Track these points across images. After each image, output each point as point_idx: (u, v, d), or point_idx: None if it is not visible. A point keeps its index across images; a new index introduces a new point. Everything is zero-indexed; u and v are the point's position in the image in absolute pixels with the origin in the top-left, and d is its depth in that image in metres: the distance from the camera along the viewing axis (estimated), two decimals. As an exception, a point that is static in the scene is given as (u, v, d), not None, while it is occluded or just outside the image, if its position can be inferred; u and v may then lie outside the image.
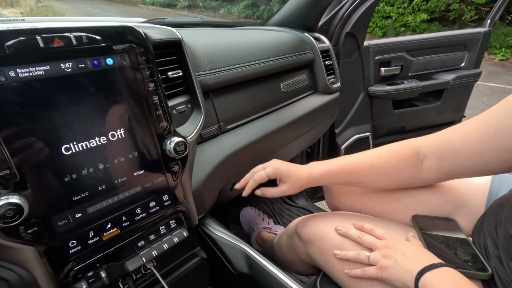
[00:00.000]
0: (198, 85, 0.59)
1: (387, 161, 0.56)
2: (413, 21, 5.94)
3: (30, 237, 0.39)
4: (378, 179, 0.58)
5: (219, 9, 10.34)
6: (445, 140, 0.50)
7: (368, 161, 0.58)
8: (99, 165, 0.44)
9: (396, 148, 0.57)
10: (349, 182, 0.61)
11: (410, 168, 0.55)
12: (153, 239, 0.52)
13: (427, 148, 0.53)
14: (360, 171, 0.58)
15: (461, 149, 0.47)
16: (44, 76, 0.38)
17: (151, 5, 12.91)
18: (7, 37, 0.36)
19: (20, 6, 8.96)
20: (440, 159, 0.51)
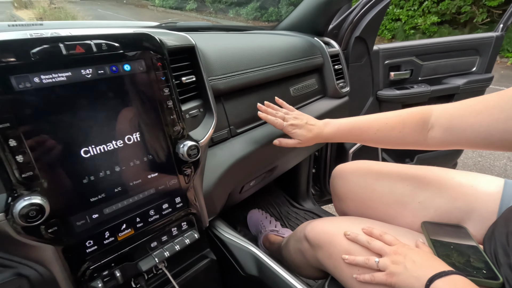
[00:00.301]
0: (210, 90, 0.60)
1: (393, 127, 0.60)
2: (423, 23, 5.88)
3: (50, 236, 0.40)
4: (382, 142, 0.64)
5: (227, 11, 10.41)
6: (458, 114, 0.51)
7: (375, 125, 0.63)
8: (116, 167, 0.45)
9: (405, 115, 0.60)
10: (355, 141, 0.69)
11: (415, 135, 0.57)
12: (165, 240, 0.53)
13: (437, 119, 0.54)
14: (365, 134, 0.64)
15: (472, 125, 0.48)
16: (66, 82, 0.39)
17: (160, 7, 13.07)
18: (33, 45, 0.37)
19: (34, 8, 9.16)
20: (447, 131, 0.52)
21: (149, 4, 14.17)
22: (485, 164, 2.38)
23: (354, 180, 0.74)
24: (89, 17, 8.83)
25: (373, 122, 0.64)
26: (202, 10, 11.20)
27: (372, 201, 0.70)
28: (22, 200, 0.37)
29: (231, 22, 9.66)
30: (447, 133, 0.52)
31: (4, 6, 11.03)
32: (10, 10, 10.09)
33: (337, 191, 0.78)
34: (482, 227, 0.58)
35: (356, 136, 0.67)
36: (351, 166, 0.77)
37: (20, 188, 0.38)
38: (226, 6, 10.31)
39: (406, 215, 0.66)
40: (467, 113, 0.49)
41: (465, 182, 0.63)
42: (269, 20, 8.83)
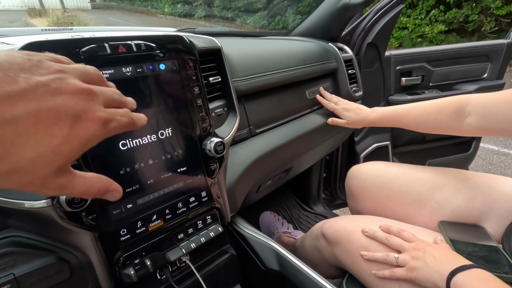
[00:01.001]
0: (234, 90, 0.63)
1: (429, 113, 0.66)
2: (430, 32, 5.90)
3: (90, 223, 0.43)
4: (420, 127, 0.70)
5: (235, 19, 10.58)
6: (491, 103, 0.55)
7: (413, 111, 0.70)
8: (149, 160, 0.48)
9: (442, 102, 0.65)
10: (397, 125, 0.76)
11: (450, 121, 0.63)
12: (191, 233, 0.55)
13: (474, 106, 0.58)
14: (405, 119, 0.72)
15: (505, 113, 0.52)
16: (109, 78, 0.42)
17: (169, 15, 13.35)
18: (81, 44, 0.40)
19: (48, 16, 9.45)
20: (483, 118, 0.56)
21: (158, 12, 14.48)
22: (495, 172, 2.36)
23: (370, 180, 0.75)
24: (101, 25, 9.05)
25: (412, 109, 0.71)
26: (210, 18, 11.40)
27: (389, 200, 0.71)
28: (68, 187, 0.39)
29: (239, 30, 9.80)
30: (482, 120, 0.56)
31: (19, 14, 11.40)
32: (25, 18, 10.42)
33: (353, 190, 0.79)
34: (500, 226, 0.59)
35: (397, 121, 0.74)
36: (367, 166, 0.79)
37: (65, 176, 0.40)
38: (234, 15, 10.48)
39: (424, 214, 0.67)
40: (500, 101, 0.53)
41: (482, 183, 0.64)
42: (276, 28, 8.94)
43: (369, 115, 0.81)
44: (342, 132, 1.09)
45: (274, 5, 9.11)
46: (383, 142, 1.43)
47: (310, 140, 0.90)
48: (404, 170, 0.73)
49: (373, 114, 0.81)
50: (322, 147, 1.03)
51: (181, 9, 12.87)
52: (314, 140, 0.93)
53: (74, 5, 15.45)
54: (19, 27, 5.07)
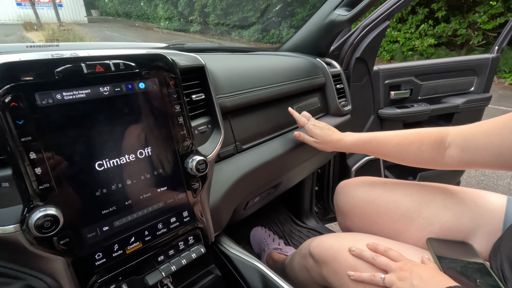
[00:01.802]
0: (218, 107, 0.63)
1: (412, 142, 0.62)
2: (420, 45, 6.05)
3: (62, 248, 0.41)
4: (401, 156, 0.65)
5: (230, 33, 10.76)
6: (471, 134, 0.54)
7: (394, 139, 0.65)
8: (127, 181, 0.47)
9: (424, 132, 0.62)
10: (374, 153, 0.71)
11: (433, 152, 0.60)
12: (172, 254, 0.54)
13: (453, 138, 0.57)
14: (385, 146, 0.66)
15: (485, 145, 0.51)
16: (85, 98, 0.42)
17: (165, 29, 13.53)
18: (57, 64, 0.40)
19: (43, 30, 9.51)
20: (463, 150, 0.55)
21: (154, 26, 14.68)
22: (488, 183, 2.37)
23: (358, 196, 0.74)
24: (97, 39, 9.13)
25: (392, 136, 0.66)
26: (206, 32, 11.58)
27: (377, 216, 0.70)
28: (38, 211, 0.38)
29: (234, 43, 9.95)
30: (463, 153, 0.55)
31: (15, 28, 11.47)
32: (20, 32, 10.48)
33: (341, 206, 0.78)
34: (488, 243, 0.58)
35: (375, 148, 0.69)
36: (355, 181, 0.78)
37: (36, 199, 0.39)
38: (229, 28, 10.67)
39: (412, 231, 0.66)
40: (478, 133, 0.52)
41: (468, 199, 0.63)
42: (270, 42, 9.11)
43: (343, 138, 0.73)
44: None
45: (268, 19, 9.31)
46: (374, 155, 1.43)
47: (298, 155, 0.89)
48: (392, 186, 0.72)
49: (348, 138, 0.73)
50: (311, 162, 1.02)
51: (176, 23, 13.07)
52: (303, 155, 0.92)
53: (70, 19, 15.61)
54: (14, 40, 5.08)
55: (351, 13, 0.89)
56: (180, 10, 12.52)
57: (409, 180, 1.58)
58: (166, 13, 13.50)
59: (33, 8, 11.89)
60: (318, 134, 0.76)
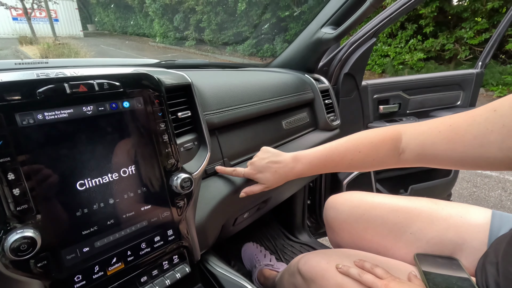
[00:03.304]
0: (205, 124, 0.63)
1: (366, 155, 0.60)
2: (410, 59, 6.21)
3: (39, 271, 0.40)
4: (357, 169, 0.63)
5: (225, 47, 10.93)
6: (429, 142, 0.50)
7: (348, 155, 0.61)
8: (110, 200, 0.46)
9: (376, 141, 0.58)
10: (330, 171, 0.67)
11: (388, 159, 0.58)
12: (155, 275, 0.52)
13: (408, 144, 0.54)
14: (340, 165, 0.63)
15: (444, 152, 0.48)
16: (68, 118, 0.42)
17: (161, 44, 13.70)
18: (39, 85, 0.40)
19: (39, 44, 9.55)
20: (419, 156, 0.52)
21: (150, 40, 14.86)
22: (480, 194, 2.39)
23: (346, 211, 0.74)
24: (92, 53, 9.18)
25: (346, 152, 0.61)
26: (201, 46, 11.75)
27: (366, 232, 0.70)
28: (15, 233, 0.37)
29: (228, 57, 10.10)
30: (419, 157, 0.53)
31: (9, 42, 11.51)
32: (15, 46, 10.51)
33: (330, 222, 0.78)
34: (474, 258, 0.59)
35: (331, 168, 0.65)
36: (344, 197, 0.78)
37: (14, 221, 0.38)
38: (224, 43, 10.85)
39: (400, 247, 0.66)
40: (438, 140, 0.49)
41: (454, 214, 0.64)
42: (264, 56, 9.26)
43: (293, 168, 0.64)
44: (321, 160, 1.09)
45: (262, 34, 9.50)
46: (365, 168, 1.44)
47: (288, 169, 0.90)
48: (380, 200, 0.72)
49: (298, 165, 0.64)
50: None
51: (172, 38, 13.26)
52: (292, 170, 0.92)
53: (66, 33, 15.73)
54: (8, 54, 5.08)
55: (337, 31, 0.92)
56: (176, 25, 12.73)
57: (401, 192, 1.58)
58: (161, 28, 13.70)
59: (29, 22, 11.98)
60: (262, 178, 0.66)
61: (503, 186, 2.51)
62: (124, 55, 11.04)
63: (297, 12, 8.06)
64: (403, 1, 1.10)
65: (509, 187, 2.48)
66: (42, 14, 14.07)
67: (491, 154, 0.42)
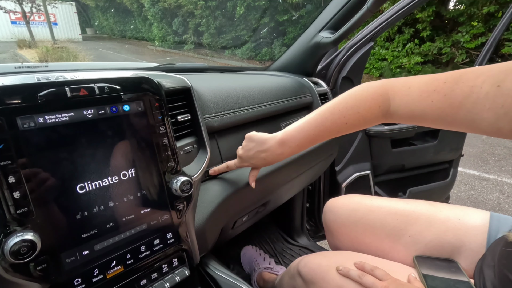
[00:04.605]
0: (204, 127, 0.64)
1: (354, 125, 0.56)
2: (408, 63, 6.25)
3: (39, 274, 0.40)
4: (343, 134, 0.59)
5: (223, 51, 10.97)
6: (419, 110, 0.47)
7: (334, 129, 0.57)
8: (109, 203, 0.46)
9: (363, 111, 0.54)
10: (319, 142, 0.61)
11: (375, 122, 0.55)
12: (155, 278, 0.52)
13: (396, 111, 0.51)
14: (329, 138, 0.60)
15: (433, 121, 0.46)
16: (68, 121, 0.42)
17: (159, 47, 13.74)
18: (40, 89, 0.40)
19: (37, 47, 9.56)
20: (407, 120, 0.51)
21: (149, 44, 14.90)
22: (478, 197, 2.40)
23: (345, 214, 0.75)
24: (91, 56, 9.19)
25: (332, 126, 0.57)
26: (200, 50, 11.79)
27: (365, 235, 0.70)
28: (15, 237, 0.37)
29: (227, 61, 10.13)
30: (407, 121, 0.51)
31: (8, 45, 11.51)
32: (14, 49, 10.50)
33: (329, 225, 0.78)
34: (472, 260, 0.59)
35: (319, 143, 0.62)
36: (342, 200, 0.78)
37: (14, 224, 0.38)
38: (222, 47, 10.89)
39: (399, 249, 0.66)
40: (429, 110, 0.46)
41: (452, 216, 0.64)
42: (263, 60, 9.30)
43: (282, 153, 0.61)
44: (320, 163, 1.10)
45: (261, 38, 9.55)
46: (364, 171, 1.44)
47: (287, 172, 0.90)
48: (379, 203, 0.73)
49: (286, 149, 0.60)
50: (300, 179, 1.03)
51: (171, 42, 13.30)
52: (291, 173, 0.93)
53: (65, 37, 15.75)
54: (7, 58, 5.07)
55: (335, 35, 0.93)
56: (175, 29, 12.78)
57: (399, 195, 1.59)
58: (160, 31, 13.75)
59: (27, 26, 12.00)
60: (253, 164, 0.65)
61: (501, 188, 2.52)
62: (123, 58, 11.05)
63: (295, 16, 8.12)
64: (400, 6, 1.11)
65: (507, 190, 2.50)
66: (41, 17, 14.09)
67: (481, 128, 0.40)
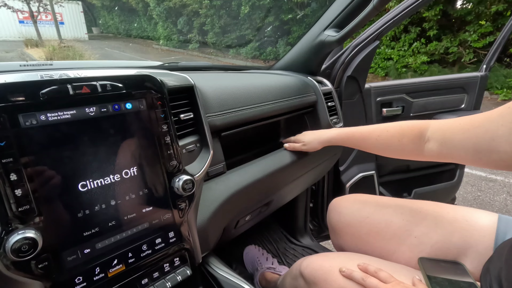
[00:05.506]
0: (207, 126, 0.63)
1: (393, 135, 0.63)
2: (414, 62, 6.19)
3: (40, 272, 0.40)
4: (382, 149, 0.66)
5: (228, 50, 10.98)
6: (449, 131, 0.54)
7: (376, 132, 0.66)
8: (111, 201, 0.46)
9: (405, 126, 0.63)
10: (357, 146, 0.72)
11: (413, 146, 0.60)
12: (156, 277, 0.52)
13: (433, 133, 0.57)
14: (367, 140, 0.68)
15: (461, 142, 0.51)
16: (70, 119, 0.42)
17: (164, 46, 13.80)
18: (42, 86, 0.40)
19: (44, 46, 9.67)
20: (441, 145, 0.55)
21: (154, 43, 14.96)
22: (485, 199, 2.36)
23: (350, 214, 0.74)
24: (96, 55, 9.27)
25: (374, 129, 0.68)
26: (204, 49, 11.80)
27: (369, 236, 0.69)
28: (16, 234, 0.37)
29: (231, 60, 10.13)
30: (441, 147, 0.55)
31: (15, 44, 11.65)
32: (21, 48, 10.63)
33: (334, 225, 0.77)
34: (479, 263, 0.58)
35: (358, 141, 0.71)
36: (347, 199, 0.77)
37: (15, 221, 0.38)
38: (227, 46, 10.89)
39: (404, 251, 0.65)
40: (456, 130, 0.52)
41: (459, 217, 0.63)
42: (267, 59, 9.29)
43: (326, 133, 0.78)
44: (324, 163, 1.09)
45: (266, 37, 9.54)
46: (368, 171, 1.43)
47: (291, 172, 0.89)
48: (384, 204, 0.72)
49: (329, 132, 0.77)
50: (304, 179, 1.02)
51: (175, 41, 13.34)
52: (295, 173, 0.92)
53: (71, 36, 15.90)
54: (14, 57, 5.15)
55: (340, 34, 0.92)
56: (179, 28, 12.81)
57: (404, 196, 1.57)
58: (165, 30, 13.80)
59: (35, 25, 12.13)
60: (302, 138, 0.83)
61: (508, 190, 2.48)
62: (128, 57, 11.13)
63: (300, 15, 8.09)
64: (406, 4, 1.10)
65: (514, 191, 2.45)
66: (48, 17, 14.25)
67: (501, 148, 0.44)
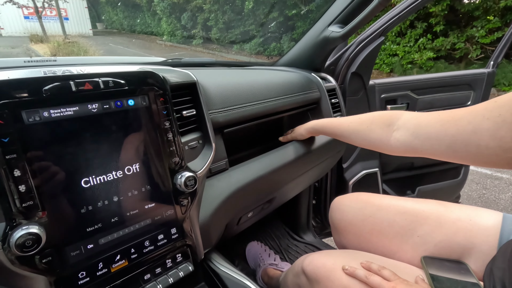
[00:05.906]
0: (210, 123, 0.63)
1: (363, 122, 0.64)
2: (420, 59, 6.11)
3: (44, 267, 0.40)
4: (353, 137, 0.67)
5: (231, 46, 10.93)
6: (425, 122, 0.51)
7: (349, 119, 0.69)
8: (114, 197, 0.46)
9: (376, 114, 0.63)
10: (333, 134, 0.74)
11: (380, 132, 0.59)
12: (159, 273, 0.53)
13: (405, 122, 0.55)
14: (340, 126, 0.70)
15: (437, 133, 0.48)
16: (73, 116, 0.42)
17: (168, 42, 13.78)
18: (45, 82, 0.40)
19: (49, 42, 9.72)
20: (413, 135, 0.52)
21: (158, 39, 14.95)
22: (490, 197, 2.34)
23: (352, 213, 0.73)
24: (100, 51, 9.29)
25: (349, 117, 0.69)
26: (208, 45, 11.77)
27: (372, 234, 0.69)
28: (20, 229, 0.38)
29: (235, 56, 10.10)
30: (412, 138, 0.52)
31: (21, 40, 11.72)
32: (26, 44, 10.70)
33: (336, 223, 0.77)
34: (483, 263, 0.57)
35: (333, 128, 0.72)
36: (350, 198, 0.77)
37: (19, 217, 0.38)
38: (231, 42, 10.84)
39: (407, 250, 0.65)
40: (434, 121, 0.49)
41: (463, 217, 0.62)
42: (271, 55, 9.23)
43: (309, 123, 0.81)
44: (328, 160, 1.08)
45: (270, 33, 9.47)
46: (371, 169, 1.42)
47: (294, 169, 0.89)
48: (387, 202, 0.71)
49: (311, 122, 0.80)
50: (307, 176, 1.02)
51: (179, 36, 13.32)
52: (298, 170, 0.92)
53: (76, 32, 15.95)
54: (20, 52, 5.20)
55: (344, 29, 0.91)
56: (183, 23, 12.78)
57: (408, 194, 1.56)
58: (169, 26, 13.78)
59: (40, 21, 12.19)
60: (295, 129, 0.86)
61: (514, 188, 2.45)
62: (132, 53, 11.14)
63: (304, 10, 8.01)
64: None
65: (520, 190, 2.43)
66: (52, 12, 14.29)
67: (483, 142, 0.41)
